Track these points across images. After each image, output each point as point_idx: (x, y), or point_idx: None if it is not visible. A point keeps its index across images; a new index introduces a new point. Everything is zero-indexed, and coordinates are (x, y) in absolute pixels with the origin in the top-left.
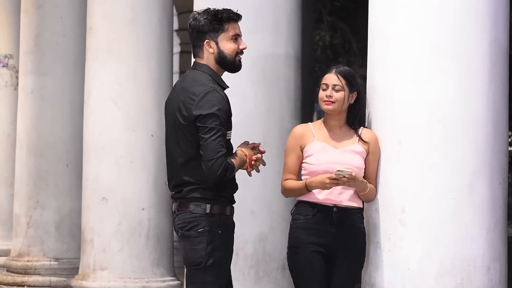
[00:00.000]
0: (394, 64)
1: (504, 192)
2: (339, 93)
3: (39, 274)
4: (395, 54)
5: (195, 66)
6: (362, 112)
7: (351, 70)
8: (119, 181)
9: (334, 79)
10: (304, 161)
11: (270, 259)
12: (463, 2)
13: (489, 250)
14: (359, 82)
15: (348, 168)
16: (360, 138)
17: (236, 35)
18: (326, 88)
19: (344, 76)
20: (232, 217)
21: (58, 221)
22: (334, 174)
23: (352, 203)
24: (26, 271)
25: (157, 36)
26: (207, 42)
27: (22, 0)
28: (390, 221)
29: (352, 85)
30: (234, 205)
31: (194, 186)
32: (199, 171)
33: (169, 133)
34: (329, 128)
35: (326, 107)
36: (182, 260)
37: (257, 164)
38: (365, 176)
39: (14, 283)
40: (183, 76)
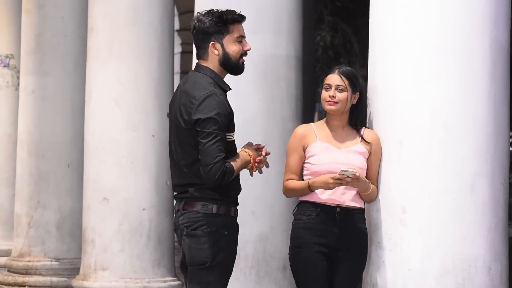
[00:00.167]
0: (395, 65)
1: (505, 193)
2: (342, 93)
3: (40, 274)
4: (396, 54)
5: (197, 68)
6: (363, 113)
7: (353, 70)
8: (120, 181)
9: (337, 79)
10: (306, 161)
11: (271, 259)
12: (464, 2)
13: (490, 250)
14: (361, 83)
15: (351, 168)
16: (362, 139)
17: (241, 37)
18: (329, 88)
19: (347, 77)
20: (236, 218)
21: (59, 221)
22: (338, 174)
23: (354, 204)
24: (27, 271)
25: (158, 36)
26: (212, 44)
27: (23, 0)
28: (391, 221)
29: (355, 85)
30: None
31: (200, 186)
32: None
33: (173, 134)
34: (331, 129)
35: (329, 108)
36: (182, 259)
37: (260, 165)
38: (367, 176)
39: (15, 283)
40: (185, 77)
